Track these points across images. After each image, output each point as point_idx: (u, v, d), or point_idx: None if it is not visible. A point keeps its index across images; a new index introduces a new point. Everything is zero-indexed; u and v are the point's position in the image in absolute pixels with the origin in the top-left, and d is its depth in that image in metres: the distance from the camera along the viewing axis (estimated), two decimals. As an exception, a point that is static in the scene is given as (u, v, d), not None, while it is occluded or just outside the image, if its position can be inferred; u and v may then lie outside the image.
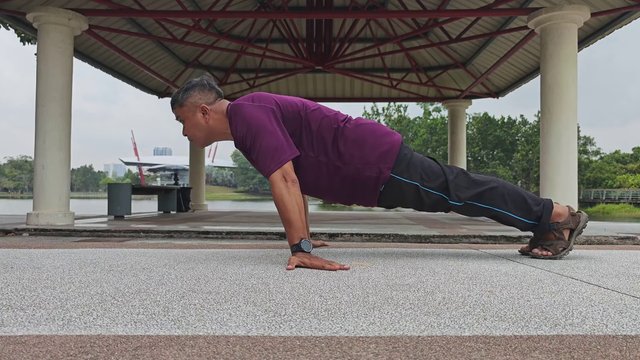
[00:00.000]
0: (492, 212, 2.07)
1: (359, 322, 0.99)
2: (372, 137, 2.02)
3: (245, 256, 2.16)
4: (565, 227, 2.11)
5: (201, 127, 2.09)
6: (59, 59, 5.11)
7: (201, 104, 2.07)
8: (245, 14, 6.15)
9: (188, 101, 2.08)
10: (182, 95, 2.09)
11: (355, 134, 2.02)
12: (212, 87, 2.12)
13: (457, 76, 9.81)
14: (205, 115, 2.07)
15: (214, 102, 2.10)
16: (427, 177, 2.02)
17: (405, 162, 2.01)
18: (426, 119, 45.31)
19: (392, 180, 2.00)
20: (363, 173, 1.99)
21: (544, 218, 2.08)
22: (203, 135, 2.12)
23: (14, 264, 1.84)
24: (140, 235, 4.04)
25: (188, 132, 2.13)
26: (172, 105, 2.14)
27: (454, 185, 2.02)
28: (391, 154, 2.00)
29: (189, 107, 2.08)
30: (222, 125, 2.08)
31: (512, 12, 5.61)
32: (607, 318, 1.05)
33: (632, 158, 46.03)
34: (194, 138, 2.14)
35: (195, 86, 2.10)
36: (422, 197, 2.02)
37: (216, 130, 2.09)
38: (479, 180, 2.07)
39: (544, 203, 2.11)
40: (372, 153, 1.99)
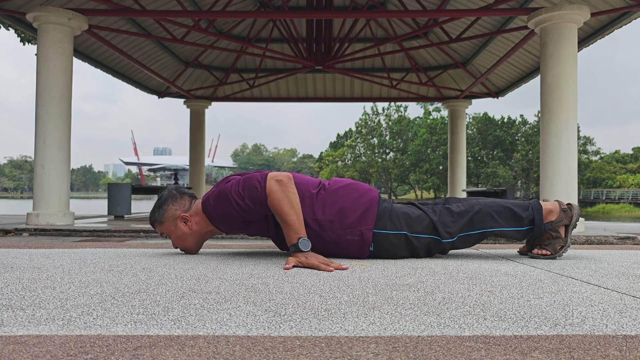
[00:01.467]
0: (487, 234, 2.07)
1: (359, 322, 0.99)
2: (349, 201, 2.00)
3: (245, 256, 2.16)
4: (560, 224, 2.11)
5: (188, 236, 2.10)
6: (59, 59, 5.11)
7: (180, 214, 2.08)
8: (245, 14, 6.15)
9: (166, 217, 2.09)
10: (159, 213, 2.10)
11: (332, 199, 2.00)
12: (183, 193, 2.14)
13: (457, 76, 9.81)
14: (188, 223, 2.08)
15: (191, 207, 2.11)
16: (413, 222, 2.01)
17: (387, 214, 2.00)
18: (426, 119, 45.31)
19: (379, 237, 1.99)
20: (345, 237, 1.98)
21: (537, 220, 2.07)
22: (192, 242, 2.13)
23: (14, 264, 1.84)
24: (140, 235, 4.04)
25: (178, 244, 2.14)
26: (152, 225, 2.15)
27: (441, 224, 2.01)
28: (370, 214, 1.98)
29: (170, 221, 2.09)
30: (205, 224, 2.08)
31: (512, 12, 5.61)
32: (607, 318, 1.05)
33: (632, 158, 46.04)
34: (185, 248, 2.15)
35: (167, 200, 2.11)
36: (413, 244, 2.01)
37: (202, 231, 2.10)
38: (462, 210, 2.05)
39: (532, 205, 2.10)
40: (351, 217, 1.97)
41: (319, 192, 2.03)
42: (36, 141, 5.09)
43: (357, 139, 48.98)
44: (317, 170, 54.06)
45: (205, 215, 2.05)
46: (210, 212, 2.02)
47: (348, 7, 8.30)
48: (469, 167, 38.25)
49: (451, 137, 10.19)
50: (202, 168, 10.70)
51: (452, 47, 8.89)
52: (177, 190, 2.15)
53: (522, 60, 8.01)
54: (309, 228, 1.96)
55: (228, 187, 1.96)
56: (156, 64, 8.79)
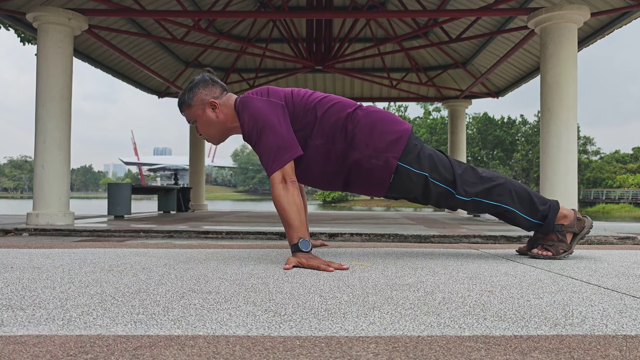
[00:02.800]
0: (499, 208, 2.05)
1: (359, 322, 0.99)
2: (382, 125, 1.99)
3: (245, 256, 2.16)
4: (569, 230, 2.10)
5: (214, 123, 2.06)
6: (59, 59, 5.11)
7: (209, 100, 2.04)
8: (245, 14, 6.15)
9: (195, 100, 2.05)
10: (188, 95, 2.06)
11: (366, 120, 1.99)
12: (216, 82, 2.10)
13: (457, 76, 9.81)
14: (216, 110, 2.04)
15: (221, 96, 2.07)
16: (436, 168, 2.00)
17: (415, 152, 1.99)
18: (426, 119, 45.30)
19: (402, 170, 1.97)
20: (370, 160, 1.96)
21: (549, 218, 2.07)
22: (217, 131, 2.09)
23: (14, 264, 1.84)
24: (140, 235, 4.04)
25: (202, 131, 2.10)
26: (180, 107, 2.11)
27: (462, 180, 2.00)
28: (399, 144, 1.97)
29: (198, 105, 2.05)
30: (233, 118, 2.05)
31: (512, 12, 5.61)
32: (607, 318, 1.04)
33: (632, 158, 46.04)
34: (209, 136, 2.12)
35: (199, 83, 2.07)
36: (430, 188, 2.00)
37: (227, 124, 2.07)
38: (487, 176, 2.05)
39: (551, 203, 2.10)
40: (380, 140, 1.96)
41: (356, 110, 2.02)
42: (36, 141, 5.09)
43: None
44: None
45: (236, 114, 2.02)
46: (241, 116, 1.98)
47: (348, 7, 8.30)
48: (469, 167, 38.14)
49: (451, 137, 10.18)
50: (202, 168, 10.69)
51: (452, 47, 8.89)
52: (210, 77, 2.11)
53: (522, 60, 8.01)
54: (338, 146, 1.96)
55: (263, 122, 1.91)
56: (156, 64, 8.79)
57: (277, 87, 2.08)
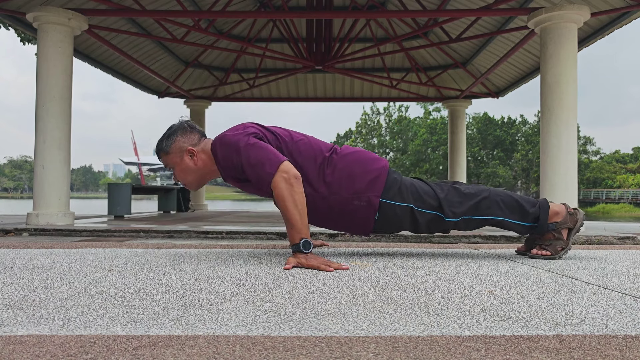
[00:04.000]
0: (491, 221, 2.07)
1: (359, 322, 0.99)
2: (359, 166, 2.01)
3: (245, 256, 2.16)
4: (564, 226, 2.10)
5: (191, 170, 2.08)
6: (59, 59, 5.11)
7: (187, 147, 2.06)
8: (245, 14, 6.15)
9: (173, 147, 2.07)
10: (166, 143, 2.08)
11: (342, 163, 2.01)
12: (194, 128, 2.12)
13: (457, 76, 9.81)
14: (194, 157, 2.06)
15: (199, 143, 2.09)
16: (420, 197, 2.02)
17: (396, 186, 2.01)
18: (426, 119, 45.31)
19: (385, 206, 1.99)
20: (352, 202, 1.97)
21: (542, 218, 2.07)
22: (195, 177, 2.11)
23: (14, 264, 1.84)
24: (140, 235, 4.04)
25: (179, 177, 2.12)
26: (157, 154, 2.13)
27: (447, 202, 2.01)
28: (379, 182, 1.99)
29: (175, 152, 2.07)
30: (211, 163, 2.07)
31: (512, 12, 5.61)
32: (607, 318, 1.04)
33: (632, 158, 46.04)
34: (187, 182, 2.14)
35: (177, 131, 2.09)
36: (417, 218, 2.01)
37: (205, 169, 2.08)
38: (471, 192, 2.06)
39: (540, 204, 2.10)
40: (360, 182, 1.98)
41: (331, 155, 2.04)
42: (36, 141, 5.09)
43: (357, 139, 48.97)
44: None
45: (212, 155, 2.03)
46: (217, 154, 1.99)
47: (348, 7, 8.30)
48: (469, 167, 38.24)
49: (451, 137, 10.18)
50: (202, 168, 10.68)
51: (452, 47, 8.88)
52: (188, 124, 2.12)
53: (522, 60, 8.01)
54: (318, 191, 1.96)
55: (242, 143, 1.91)
56: (156, 64, 8.79)
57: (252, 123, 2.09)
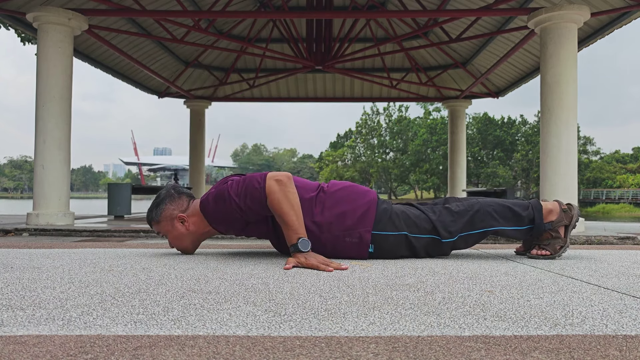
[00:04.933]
0: (488, 233, 2.06)
1: (359, 322, 0.99)
2: (347, 203, 2.00)
3: (245, 256, 2.16)
4: (560, 224, 2.10)
5: (185, 236, 2.09)
6: (59, 59, 5.11)
7: (177, 214, 2.07)
8: (245, 14, 6.15)
9: (163, 216, 2.08)
10: (156, 212, 2.09)
11: (331, 202, 2.00)
12: (181, 193, 2.13)
13: (457, 76, 9.81)
14: (185, 223, 2.07)
15: (189, 207, 2.10)
16: (413, 223, 2.01)
17: (387, 215, 2.00)
18: (426, 119, 45.31)
19: (379, 238, 1.98)
20: (343, 239, 1.97)
21: (537, 219, 2.07)
22: (189, 242, 2.12)
23: (14, 264, 1.84)
24: (140, 235, 4.04)
25: (174, 244, 2.13)
26: (149, 223, 2.14)
27: (440, 223, 2.01)
28: (369, 216, 1.98)
29: (166, 221, 2.08)
30: (202, 224, 2.07)
31: (512, 12, 5.61)
32: (607, 318, 1.04)
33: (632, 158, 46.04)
34: (181, 248, 2.15)
35: (165, 199, 2.10)
36: (413, 244, 2.01)
37: (199, 231, 2.09)
38: (462, 209, 2.05)
39: (532, 205, 2.10)
40: (349, 219, 1.97)
41: (318, 194, 2.03)
42: (36, 141, 5.09)
43: (357, 139, 48.97)
44: (317, 170, 54.07)
45: (204, 216, 2.05)
46: (208, 212, 2.01)
47: (348, 7, 8.30)
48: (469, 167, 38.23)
49: (451, 137, 10.19)
50: (202, 168, 10.70)
51: (452, 47, 8.89)
52: (175, 189, 2.14)
53: (522, 60, 8.01)
54: (308, 231, 1.95)
55: (227, 187, 1.95)
56: (156, 64, 8.79)
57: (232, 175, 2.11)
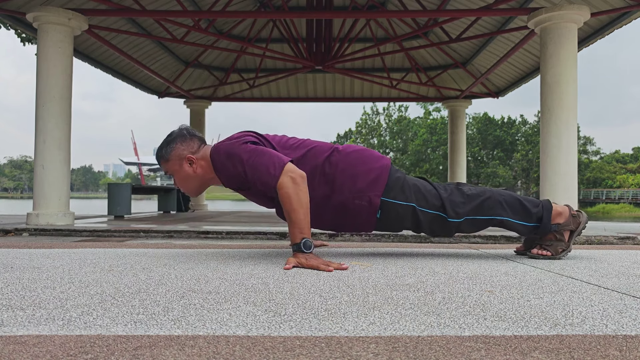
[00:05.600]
0: (494, 221, 2.06)
1: (359, 322, 0.99)
2: (361, 165, 2.00)
3: (245, 256, 2.16)
4: (566, 228, 2.10)
5: (191, 178, 2.09)
6: (59, 59, 5.11)
7: (186, 155, 2.07)
8: (245, 14, 6.15)
9: (172, 155, 2.08)
10: (166, 150, 2.09)
11: (344, 163, 2.00)
12: (193, 135, 2.12)
13: (457, 76, 9.81)
14: (193, 165, 2.07)
15: (199, 150, 2.10)
16: (423, 196, 2.01)
17: (399, 184, 2.00)
18: (426, 119, 45.31)
19: (387, 205, 1.98)
20: (353, 202, 1.97)
21: (544, 219, 2.07)
22: (195, 185, 2.11)
23: (14, 264, 1.84)
24: (140, 235, 4.04)
25: (179, 184, 2.13)
26: (157, 160, 2.14)
27: (450, 202, 2.01)
28: (380, 181, 1.98)
29: (175, 160, 2.08)
30: (210, 170, 2.07)
31: (512, 12, 5.61)
32: (607, 318, 1.04)
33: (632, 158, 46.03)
34: (187, 190, 2.14)
35: (176, 138, 2.09)
36: (419, 217, 2.01)
37: (205, 176, 2.09)
38: (474, 193, 2.05)
39: (542, 204, 2.10)
40: (361, 181, 1.97)
41: (332, 154, 2.03)
42: (36, 141, 5.09)
43: (357, 139, 48.97)
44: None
45: (212, 164, 2.03)
46: (216, 162, 1.99)
47: (348, 7, 8.30)
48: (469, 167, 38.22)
49: (451, 137, 10.18)
50: (202, 168, 10.68)
51: (452, 47, 8.88)
52: (188, 130, 2.13)
53: (522, 60, 8.00)
54: (320, 191, 1.96)
55: (242, 152, 1.92)
56: (156, 64, 8.79)
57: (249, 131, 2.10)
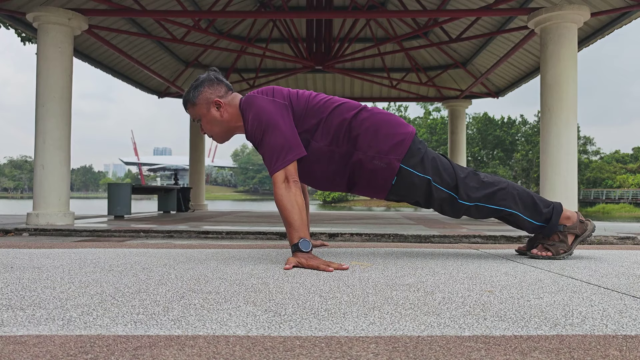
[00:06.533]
0: (503, 212, 2.05)
1: (359, 322, 0.99)
2: (386, 127, 1.99)
3: (245, 256, 2.16)
4: (571, 231, 2.10)
5: (218, 122, 2.07)
6: (59, 59, 5.11)
7: (214, 99, 2.05)
8: (245, 14, 6.15)
9: (200, 98, 2.05)
10: (193, 93, 2.06)
11: (370, 122, 1.99)
12: (221, 81, 2.10)
13: (457, 76, 9.81)
14: (220, 109, 2.05)
15: (226, 95, 2.08)
16: (439, 172, 2.00)
17: (419, 155, 1.99)
18: (426, 119, 45.31)
19: (405, 173, 1.97)
20: (373, 162, 1.96)
21: (553, 220, 2.07)
22: (221, 130, 2.09)
23: (14, 264, 1.84)
24: (140, 235, 4.04)
25: (206, 129, 2.10)
26: (184, 105, 2.11)
27: (464, 185, 2.00)
28: (403, 146, 1.97)
29: (202, 104, 2.05)
30: (237, 118, 2.06)
31: (512, 12, 5.61)
32: (607, 318, 1.04)
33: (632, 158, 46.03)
34: (213, 134, 2.12)
35: (205, 82, 2.07)
36: (432, 192, 2.00)
37: (232, 123, 2.07)
38: (489, 181, 2.05)
39: (554, 205, 2.10)
40: (384, 143, 1.96)
41: (360, 112, 2.03)
42: (36, 141, 5.09)
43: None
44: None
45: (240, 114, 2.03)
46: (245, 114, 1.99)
47: (348, 7, 8.30)
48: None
49: (451, 137, 10.18)
50: (202, 168, 10.69)
51: (452, 47, 8.88)
52: (216, 75, 2.11)
53: (522, 60, 8.01)
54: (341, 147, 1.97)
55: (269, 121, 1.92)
56: (156, 64, 8.79)
57: (282, 87, 2.08)
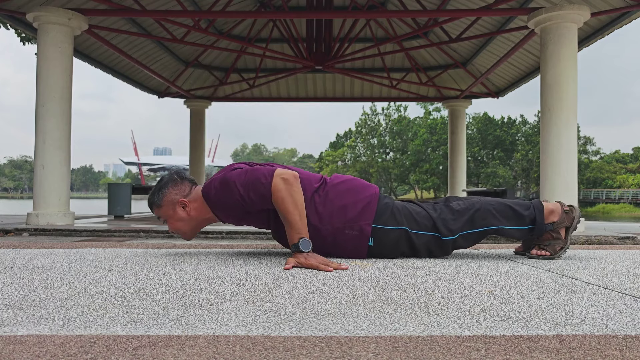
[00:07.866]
0: (489, 231, 2.06)
1: (359, 322, 0.99)
2: (350, 196, 2.01)
3: (245, 256, 2.16)
4: (561, 226, 2.10)
5: (187, 220, 2.09)
6: (59, 59, 5.11)
7: (179, 199, 2.07)
8: (245, 14, 6.15)
9: (165, 200, 2.08)
10: (158, 196, 2.09)
11: (333, 194, 2.01)
12: (184, 178, 2.13)
13: (457, 76, 9.81)
14: (186, 209, 2.07)
15: (190, 192, 2.10)
16: (414, 219, 2.02)
17: (388, 210, 2.01)
18: (426, 119, 45.31)
19: (380, 232, 1.99)
20: (344, 232, 1.98)
21: (538, 219, 2.07)
22: (189, 227, 2.12)
23: (14, 264, 1.84)
24: (140, 235, 4.04)
25: (173, 228, 2.12)
26: (150, 207, 2.14)
27: (441, 221, 2.01)
28: (370, 209, 1.99)
29: (168, 205, 2.08)
30: (204, 210, 2.07)
31: (512, 12, 5.62)
32: (607, 318, 1.04)
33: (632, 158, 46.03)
34: (181, 232, 2.14)
35: (167, 183, 2.10)
36: (413, 240, 2.01)
37: (200, 217, 2.09)
38: (463, 207, 2.05)
39: (533, 204, 2.10)
40: (351, 212, 1.98)
41: (321, 186, 2.04)
42: (36, 141, 5.09)
43: (357, 139, 48.99)
44: (317, 170, 54.07)
45: (206, 201, 2.04)
46: (210, 198, 2.00)
47: (348, 7, 8.30)
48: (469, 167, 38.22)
49: (451, 137, 10.19)
50: (202, 168, 10.70)
51: (452, 47, 8.89)
52: (178, 174, 2.14)
53: (522, 60, 8.01)
54: (309, 222, 1.95)
55: (233, 176, 1.95)
56: (156, 64, 8.79)
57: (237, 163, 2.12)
